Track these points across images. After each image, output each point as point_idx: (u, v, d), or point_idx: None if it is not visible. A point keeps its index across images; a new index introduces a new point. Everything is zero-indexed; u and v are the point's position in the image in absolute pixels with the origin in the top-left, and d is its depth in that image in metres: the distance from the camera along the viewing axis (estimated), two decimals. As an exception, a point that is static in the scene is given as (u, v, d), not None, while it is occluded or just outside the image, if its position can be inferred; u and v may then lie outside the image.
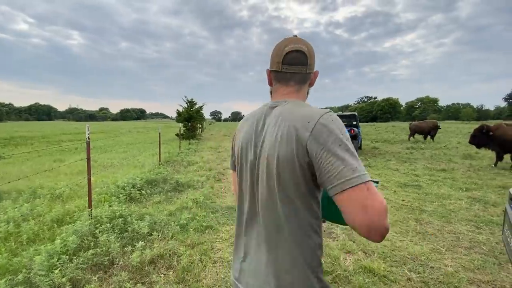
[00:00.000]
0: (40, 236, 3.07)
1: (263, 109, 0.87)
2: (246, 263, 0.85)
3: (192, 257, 2.70)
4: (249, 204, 0.84)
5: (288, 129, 0.72)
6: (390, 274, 2.45)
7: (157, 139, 8.66)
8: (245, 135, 0.86)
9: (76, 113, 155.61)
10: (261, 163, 0.78)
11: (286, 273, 0.74)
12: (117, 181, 5.17)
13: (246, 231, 0.86)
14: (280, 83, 0.88)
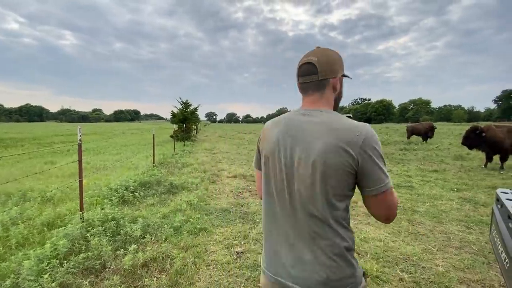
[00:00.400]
0: (30, 240, 3.01)
1: (294, 115, 0.95)
2: (286, 257, 0.91)
3: (185, 260, 2.68)
4: (285, 202, 0.91)
5: (337, 139, 0.81)
6: (382, 274, 2.48)
7: (151, 141, 8.59)
8: (279, 138, 0.93)
9: (69, 114, 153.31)
10: (302, 167, 0.85)
11: (332, 261, 0.84)
12: (110, 183, 5.11)
13: (283, 227, 0.92)
14: (303, 93, 0.99)
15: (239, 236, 3.27)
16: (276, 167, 0.92)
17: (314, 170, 0.83)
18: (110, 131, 31.81)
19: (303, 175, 0.85)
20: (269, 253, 0.97)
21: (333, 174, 0.81)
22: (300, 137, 0.87)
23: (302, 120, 0.91)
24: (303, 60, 0.95)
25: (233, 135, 24.21)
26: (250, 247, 2.99)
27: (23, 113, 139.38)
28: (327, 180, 0.82)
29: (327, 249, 0.85)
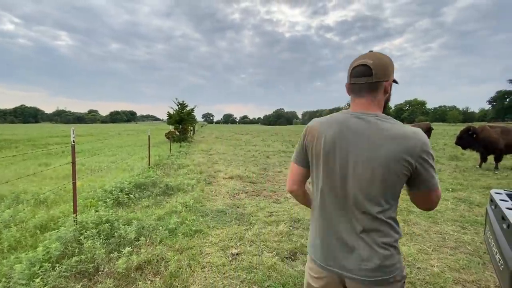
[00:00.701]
0: (22, 243, 2.96)
1: (346, 117, 1.00)
2: (339, 249, 1.00)
3: (180, 262, 2.66)
4: (338, 200, 0.99)
5: (398, 148, 0.90)
6: (378, 275, 2.47)
7: (147, 142, 8.53)
8: (335, 140, 0.98)
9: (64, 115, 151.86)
10: (360, 169, 0.94)
11: (384, 250, 0.95)
12: (105, 185, 5.06)
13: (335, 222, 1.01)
14: (353, 94, 1.03)
15: (235, 237, 3.25)
16: (330, 167, 0.99)
17: (374, 174, 0.91)
18: (106, 132, 31.57)
19: (361, 176, 0.93)
20: (320, 244, 1.05)
21: (392, 178, 0.91)
22: (358, 141, 0.94)
23: (358, 124, 0.96)
24: (357, 62, 1.00)
25: (230, 136, 24.18)
26: (246, 248, 2.97)
27: (18, 114, 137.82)
28: (386, 182, 0.92)
29: (379, 240, 0.95)
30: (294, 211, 4.16)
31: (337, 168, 0.97)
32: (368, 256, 0.95)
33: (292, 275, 2.46)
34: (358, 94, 1.01)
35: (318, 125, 1.05)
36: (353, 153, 0.94)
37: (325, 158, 0.99)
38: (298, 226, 3.60)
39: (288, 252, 2.90)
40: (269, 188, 5.71)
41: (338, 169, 0.97)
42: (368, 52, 1.02)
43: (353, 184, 0.95)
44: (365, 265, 0.95)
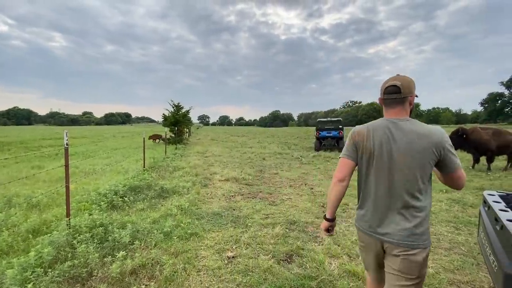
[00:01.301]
0: (14, 248, 2.91)
1: (386, 123, 1.37)
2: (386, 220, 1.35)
3: (175, 266, 2.63)
4: (384, 183, 1.34)
5: (428, 143, 1.26)
6: (373, 277, 2.48)
7: (142, 144, 8.47)
8: (382, 140, 1.34)
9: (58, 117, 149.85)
10: (401, 158, 1.29)
11: (421, 225, 1.28)
12: (99, 188, 5.00)
13: (381, 200, 1.36)
14: (387, 106, 1.41)
15: (231, 240, 3.24)
16: (380, 160, 1.34)
17: (413, 163, 1.27)
18: (100, 135, 31.24)
19: (402, 166, 1.29)
20: (369, 217, 1.41)
21: (426, 165, 1.28)
22: (398, 140, 1.30)
23: (396, 127, 1.33)
24: (389, 83, 1.38)
25: (225, 138, 24.13)
26: (241, 251, 2.96)
27: (10, 116, 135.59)
28: (422, 169, 1.28)
29: (415, 213, 1.29)
30: (290, 213, 4.16)
31: (385, 160, 1.32)
32: (404, 226, 1.29)
33: (288, 277, 2.46)
34: (390, 106, 1.39)
35: (365, 129, 1.41)
36: (395, 148, 1.30)
37: (376, 153, 1.34)
38: (294, 228, 3.60)
39: (284, 254, 2.89)
40: (265, 190, 5.70)
41: (386, 161, 1.32)
42: (396, 75, 1.40)
43: (397, 172, 1.30)
44: (401, 232, 1.29)
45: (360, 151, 1.41)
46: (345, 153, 1.47)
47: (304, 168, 8.42)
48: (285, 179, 6.79)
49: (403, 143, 1.28)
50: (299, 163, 9.61)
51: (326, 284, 2.38)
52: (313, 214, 4.18)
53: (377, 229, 1.37)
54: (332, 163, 9.57)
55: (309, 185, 6.11)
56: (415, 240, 1.27)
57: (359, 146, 1.41)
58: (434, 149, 1.25)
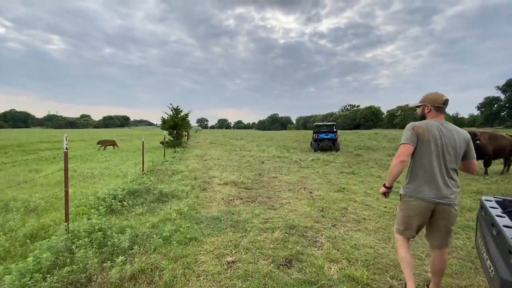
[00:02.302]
0: (12, 253, 2.89)
1: (437, 123, 2.06)
2: (439, 188, 2.00)
3: (175, 271, 2.62)
4: (439, 163, 2.01)
5: (462, 136, 2.05)
6: (373, 282, 2.49)
7: (140, 147, 8.45)
8: (435, 133, 2.01)
9: (56, 120, 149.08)
10: (448, 147, 2.01)
11: (456, 188, 2.05)
12: (97, 192, 4.98)
13: (438, 174, 2.00)
14: (438, 112, 2.11)
15: (230, 245, 3.23)
16: (435, 147, 2.00)
17: (454, 150, 2.01)
18: (98, 138, 31.12)
19: (450, 153, 2.01)
20: (426, 188, 2.03)
21: (460, 152, 2.04)
22: (446, 134, 2.02)
23: (445, 126, 2.05)
24: (444, 97, 2.09)
25: (224, 141, 24.13)
26: (241, 256, 2.96)
27: (7, 119, 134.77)
28: (459, 155, 2.03)
29: (454, 183, 2.04)
30: (289, 218, 4.16)
31: (439, 148, 2.00)
32: (450, 191, 2.00)
33: (288, 282, 2.46)
34: (441, 112, 2.11)
35: (423, 125, 2.05)
36: (445, 140, 2.00)
37: (433, 142, 2.00)
38: (293, 233, 3.60)
39: (283, 259, 2.90)
40: (264, 194, 5.71)
41: (440, 149, 2.00)
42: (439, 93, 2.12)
43: (445, 155, 2.00)
44: (449, 195, 2.00)
45: (420, 140, 2.02)
46: (408, 141, 2.04)
47: (303, 172, 8.44)
48: (284, 183, 6.80)
49: (448, 136, 2.00)
50: (298, 166, 9.63)
51: (326, 289, 2.39)
52: (312, 218, 4.18)
53: (436, 195, 1.99)
54: (330, 167, 9.60)
55: (308, 189, 6.12)
56: (455, 201, 2.02)
57: (420, 136, 2.03)
58: (464, 142, 2.02)
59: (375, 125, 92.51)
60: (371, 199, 5.29)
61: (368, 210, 4.60)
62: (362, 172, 8.43)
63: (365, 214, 4.41)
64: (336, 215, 4.35)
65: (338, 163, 10.54)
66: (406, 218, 2.15)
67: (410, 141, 2.03)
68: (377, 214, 4.40)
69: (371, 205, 4.90)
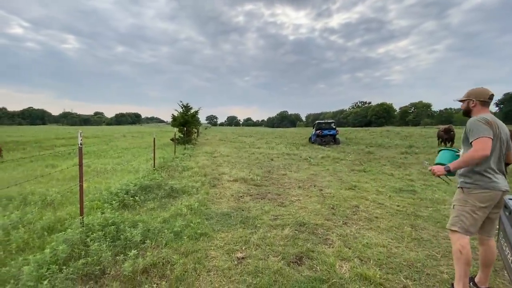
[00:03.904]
0: (30, 245, 2.99)
1: (495, 117, 2.12)
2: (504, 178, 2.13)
3: (186, 265, 2.65)
4: (500, 154, 2.11)
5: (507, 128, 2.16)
6: (386, 281, 2.44)
7: (151, 144, 8.58)
8: (500, 126, 2.12)
9: (70, 117, 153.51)
10: (504, 139, 2.11)
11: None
12: (110, 187, 5.09)
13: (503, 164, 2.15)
14: (483, 107, 2.19)
15: (240, 241, 3.24)
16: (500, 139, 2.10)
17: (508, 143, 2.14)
18: (111, 134, 31.84)
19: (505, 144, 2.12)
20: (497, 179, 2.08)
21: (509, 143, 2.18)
22: (501, 127, 2.11)
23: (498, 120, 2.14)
24: (490, 92, 2.18)
25: (233, 139, 24.21)
26: (251, 252, 2.95)
27: (25, 116, 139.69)
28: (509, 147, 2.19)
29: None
30: (299, 215, 4.13)
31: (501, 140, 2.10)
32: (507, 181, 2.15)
33: (299, 280, 2.44)
34: (486, 106, 2.19)
35: (491, 118, 2.09)
36: (502, 134, 2.11)
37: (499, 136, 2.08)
38: (303, 230, 3.57)
39: (294, 256, 2.87)
40: (273, 191, 5.68)
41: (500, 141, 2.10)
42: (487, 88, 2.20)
43: (503, 148, 2.12)
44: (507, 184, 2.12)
45: (493, 133, 2.05)
46: (488, 134, 2.01)
47: (312, 169, 8.36)
48: (294, 180, 6.75)
49: (502, 129, 2.10)
50: (307, 164, 9.55)
51: (337, 287, 2.35)
52: (322, 216, 4.14)
53: (505, 185, 2.08)
54: (341, 164, 9.46)
55: (318, 187, 6.05)
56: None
57: (493, 129, 2.05)
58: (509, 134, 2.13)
59: (387, 122, 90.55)
60: (384, 198, 5.18)
61: (381, 209, 4.51)
62: (374, 170, 8.27)
63: (377, 212, 4.32)
64: (347, 213, 4.29)
65: (348, 160, 10.39)
66: (475, 211, 2.08)
67: (489, 134, 2.02)
68: (389, 212, 4.31)
69: (383, 203, 4.80)
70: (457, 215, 2.16)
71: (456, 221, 2.16)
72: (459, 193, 2.21)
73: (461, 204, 2.16)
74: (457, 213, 2.17)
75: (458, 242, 2.13)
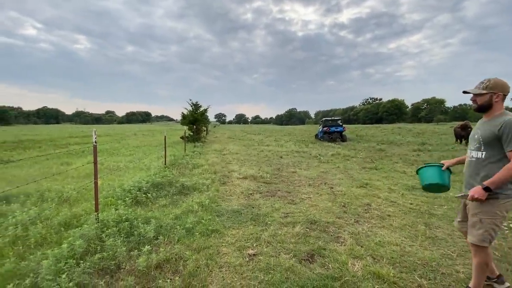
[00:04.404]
0: (48, 240, 3.08)
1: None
2: None
3: (198, 261, 2.68)
4: None
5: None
6: (400, 280, 2.40)
7: (162, 142, 8.70)
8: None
9: (83, 116, 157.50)
10: None
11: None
12: (123, 184, 5.19)
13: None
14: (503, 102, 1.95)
15: (251, 238, 3.25)
16: None
17: None
18: (123, 133, 32.46)
19: None
20: None
21: None
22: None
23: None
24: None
25: (242, 136, 24.26)
26: (262, 249, 2.96)
27: (40, 116, 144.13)
28: None
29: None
30: (310, 213, 4.11)
31: None
32: None
33: (311, 277, 2.43)
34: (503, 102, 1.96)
35: None
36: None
37: None
38: (315, 228, 3.55)
39: (305, 254, 2.86)
40: (283, 188, 5.67)
41: None
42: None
43: None
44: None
45: None
46: None
47: (323, 167, 8.29)
48: (304, 178, 6.71)
49: None
50: (317, 161, 9.47)
51: (350, 285, 2.33)
52: (334, 214, 4.10)
53: None
54: (352, 162, 9.34)
55: (329, 184, 6.00)
56: None
57: None
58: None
59: (399, 119, 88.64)
60: (396, 195, 5.09)
61: (393, 207, 4.43)
62: (386, 167, 8.13)
63: (389, 210, 4.25)
64: (358, 211, 4.23)
65: (359, 158, 10.24)
66: (501, 222, 1.94)
67: None
68: (402, 211, 4.23)
69: (396, 201, 4.71)
70: (486, 229, 1.92)
71: (486, 237, 1.94)
72: (486, 204, 1.91)
73: (490, 216, 1.91)
74: (486, 227, 1.92)
75: (484, 254, 2.00)
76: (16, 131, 37.24)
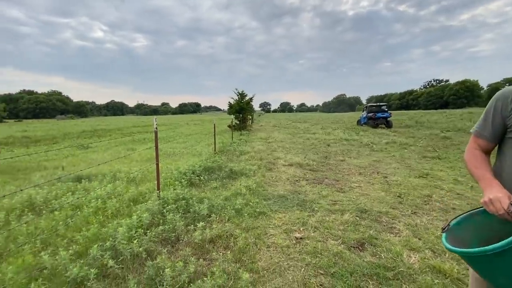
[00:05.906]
0: (121, 212, 3.59)
1: None
2: None
3: (247, 240, 2.83)
4: None
5: None
6: (465, 277, 2.16)
7: (211, 130, 9.18)
8: None
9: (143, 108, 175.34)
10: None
11: None
12: (179, 167, 5.68)
13: None
14: None
15: (298, 222, 3.27)
16: None
17: None
18: (176, 122, 35.20)
19: None
20: None
21: None
22: None
23: None
24: None
25: (287, 125, 24.04)
26: (309, 234, 2.97)
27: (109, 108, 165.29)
28: None
29: None
30: (360, 202, 3.93)
31: None
32: None
33: (361, 264, 2.36)
34: None
35: None
36: None
37: None
38: (365, 217, 3.39)
39: (355, 241, 2.78)
40: (331, 176, 5.51)
41: None
42: None
43: None
44: None
45: None
46: None
47: (375, 156, 7.76)
48: (354, 167, 6.40)
49: None
50: (369, 150, 8.90)
51: (405, 276, 2.20)
52: (387, 204, 3.85)
53: None
54: (410, 150, 8.53)
55: (382, 174, 5.61)
56: None
57: None
58: None
59: (470, 103, 76.75)
60: (463, 188, 4.51)
61: (459, 200, 3.95)
62: (451, 157, 7.22)
63: (454, 203, 3.80)
64: (417, 202, 3.89)
65: (419, 146, 9.28)
66: None
67: None
68: (470, 204, 3.74)
69: (463, 194, 4.19)
70: None
71: None
72: None
73: None
74: None
75: None
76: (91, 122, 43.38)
